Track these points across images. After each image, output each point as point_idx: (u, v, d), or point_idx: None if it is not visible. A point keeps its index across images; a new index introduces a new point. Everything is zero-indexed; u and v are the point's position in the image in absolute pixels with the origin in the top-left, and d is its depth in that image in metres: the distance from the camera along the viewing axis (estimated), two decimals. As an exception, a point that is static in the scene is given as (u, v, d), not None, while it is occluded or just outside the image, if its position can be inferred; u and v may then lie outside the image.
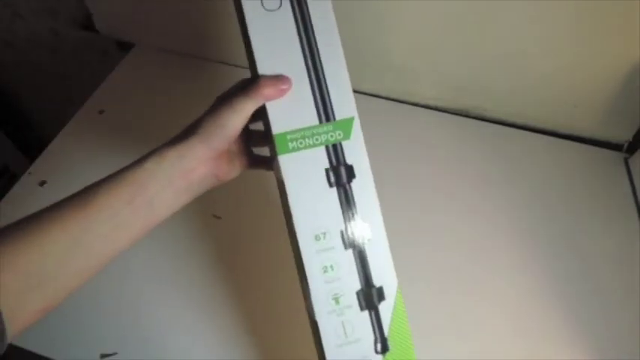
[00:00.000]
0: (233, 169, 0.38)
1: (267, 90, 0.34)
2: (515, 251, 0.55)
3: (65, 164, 0.62)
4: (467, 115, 0.68)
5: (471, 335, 0.49)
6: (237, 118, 0.34)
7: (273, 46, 0.36)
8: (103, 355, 0.47)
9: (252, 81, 0.35)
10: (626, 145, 0.64)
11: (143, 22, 0.74)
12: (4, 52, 0.98)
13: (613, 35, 0.54)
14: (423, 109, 0.69)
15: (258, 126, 0.38)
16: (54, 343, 0.47)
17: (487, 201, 0.59)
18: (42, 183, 0.60)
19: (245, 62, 0.37)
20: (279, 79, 0.35)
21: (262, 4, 0.36)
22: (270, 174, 0.38)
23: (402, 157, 0.63)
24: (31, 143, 1.14)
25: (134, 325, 0.49)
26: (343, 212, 0.36)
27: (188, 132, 0.35)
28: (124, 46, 0.79)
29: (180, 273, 0.53)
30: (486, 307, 0.51)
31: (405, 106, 0.69)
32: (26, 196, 0.59)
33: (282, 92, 0.35)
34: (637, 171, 0.61)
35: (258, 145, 0.40)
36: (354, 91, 0.37)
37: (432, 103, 0.69)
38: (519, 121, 0.66)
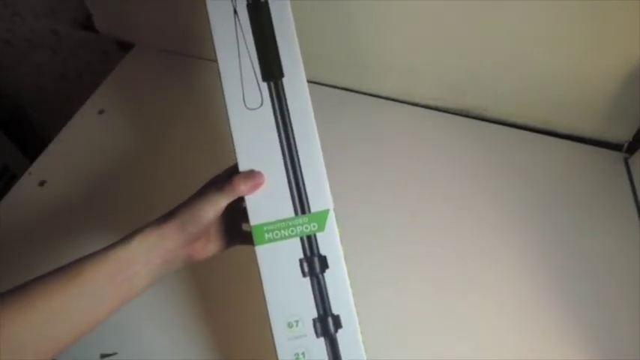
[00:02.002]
0: (208, 251, 0.40)
1: (240, 187, 0.37)
2: (515, 251, 0.55)
3: (65, 164, 0.62)
4: (467, 115, 0.68)
5: (470, 335, 0.49)
6: (211, 210, 0.37)
7: (254, 141, 0.38)
8: (103, 355, 0.47)
9: (228, 177, 0.37)
10: (626, 145, 0.63)
11: (143, 22, 0.74)
12: (4, 52, 0.98)
13: (613, 35, 0.54)
14: (423, 109, 0.69)
15: None
16: (54, 343, 0.47)
17: (487, 201, 0.59)
18: (42, 183, 0.60)
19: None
20: (252, 176, 0.37)
21: (244, 103, 0.38)
22: None
23: (402, 158, 0.63)
24: (31, 143, 1.14)
25: (134, 325, 0.49)
26: (316, 301, 0.37)
27: (168, 216, 0.37)
28: (124, 46, 0.79)
29: (181, 272, 0.52)
30: (486, 306, 0.51)
31: (405, 106, 0.69)
32: (26, 196, 0.59)
33: (255, 188, 0.37)
34: (637, 171, 0.61)
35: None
36: (354, 91, 0.37)
37: (432, 103, 0.69)
38: (519, 121, 0.66)
